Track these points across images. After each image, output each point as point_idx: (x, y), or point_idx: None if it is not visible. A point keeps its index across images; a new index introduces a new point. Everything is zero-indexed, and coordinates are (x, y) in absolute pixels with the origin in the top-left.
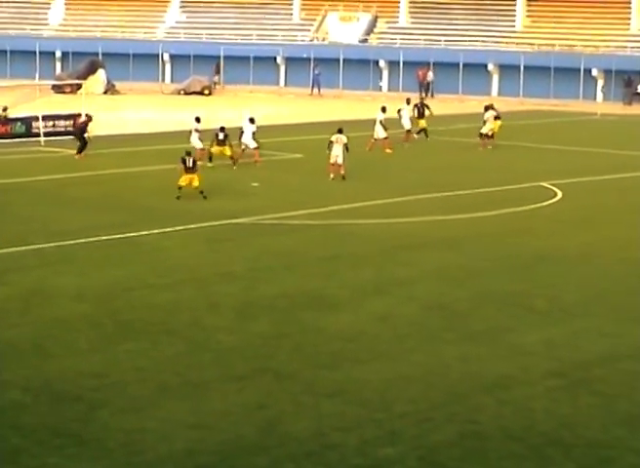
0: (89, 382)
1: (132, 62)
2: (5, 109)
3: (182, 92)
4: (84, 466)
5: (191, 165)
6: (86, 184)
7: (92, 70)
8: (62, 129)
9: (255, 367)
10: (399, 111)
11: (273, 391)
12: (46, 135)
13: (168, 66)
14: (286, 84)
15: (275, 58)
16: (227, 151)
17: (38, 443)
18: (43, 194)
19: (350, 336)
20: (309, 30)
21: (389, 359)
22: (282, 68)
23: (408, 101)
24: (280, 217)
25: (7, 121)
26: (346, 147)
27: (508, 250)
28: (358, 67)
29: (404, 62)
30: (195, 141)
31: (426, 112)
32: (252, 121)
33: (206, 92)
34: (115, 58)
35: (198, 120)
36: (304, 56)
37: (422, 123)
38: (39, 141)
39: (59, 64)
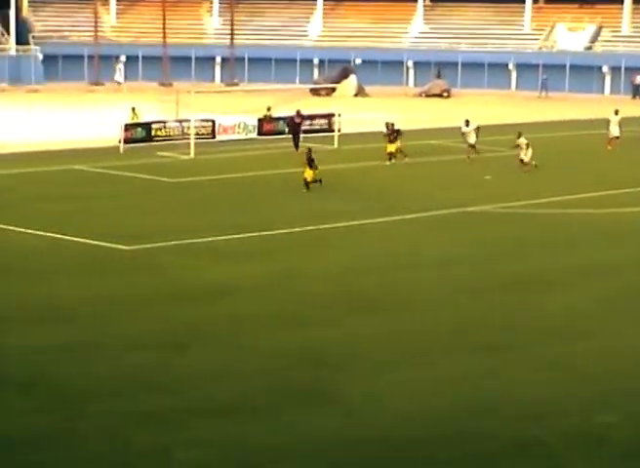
0: (335, 350)
1: (379, 68)
2: (269, 109)
3: (424, 94)
4: (332, 423)
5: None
6: (333, 176)
7: (344, 75)
8: (318, 127)
9: (478, 341)
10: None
11: (496, 363)
12: (304, 132)
13: (411, 72)
14: (517, 88)
15: (507, 65)
16: (392, 148)
17: (294, 401)
18: (298, 183)
19: (567, 313)
20: (538, 39)
21: (604, 335)
22: (513, 74)
23: (616, 112)
24: (504, 207)
25: (271, 119)
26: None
27: None
28: (583, 73)
29: (625, 68)
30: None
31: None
32: (467, 123)
33: (445, 94)
34: (365, 65)
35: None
36: (534, 62)
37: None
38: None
39: (316, 70)
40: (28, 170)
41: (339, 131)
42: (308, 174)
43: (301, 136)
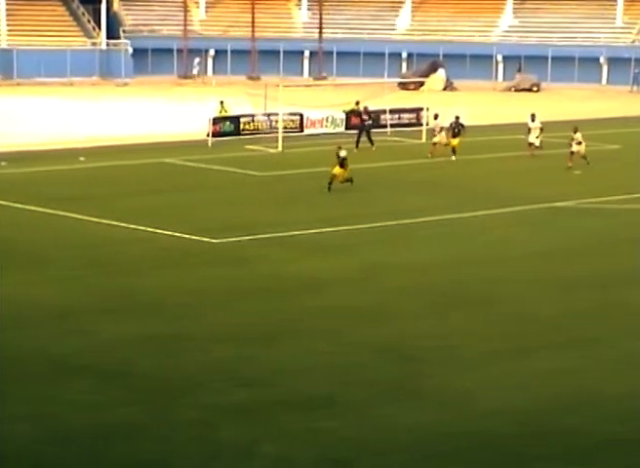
0: (425, 344)
1: (468, 63)
2: (357, 103)
3: (513, 89)
4: (422, 416)
5: (342, 161)
6: (422, 170)
7: (433, 69)
8: (407, 121)
9: (571, 336)
10: None
11: (587, 358)
12: (392, 126)
13: (500, 66)
14: (608, 82)
15: (598, 59)
16: (455, 142)
17: (382, 395)
18: (387, 178)
19: None
20: (631, 33)
21: None
22: (604, 68)
23: None
24: (594, 202)
25: (359, 113)
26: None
27: None
28: None
29: None
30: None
31: None
32: (533, 118)
33: (534, 89)
34: (454, 59)
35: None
36: (626, 56)
37: None
38: (386, 132)
39: (404, 64)
40: (119, 163)
41: (427, 124)
42: (338, 172)
43: (388, 130)
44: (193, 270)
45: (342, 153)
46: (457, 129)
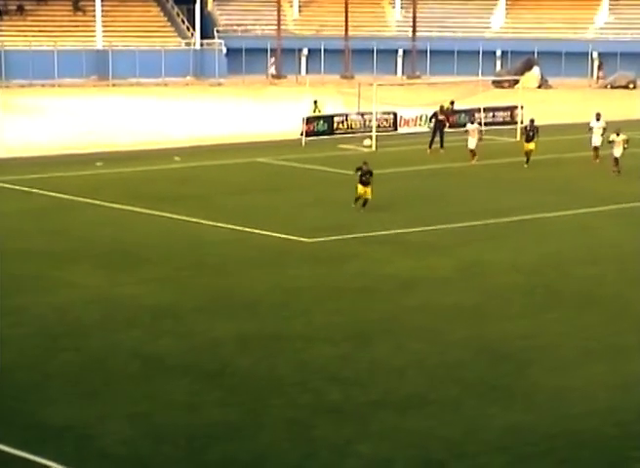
0: (520, 343)
1: (563, 60)
2: (452, 103)
3: (609, 86)
4: (517, 416)
5: (366, 177)
6: (517, 169)
7: (528, 67)
8: (501, 119)
9: None
10: None
11: None
12: (486, 124)
13: (596, 63)
14: None
15: None
16: (531, 146)
17: (477, 395)
18: (482, 176)
19: None
20: None
21: None
22: None
23: None
24: None
25: (453, 112)
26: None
27: None
28: None
29: None
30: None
31: None
32: (598, 118)
33: (630, 86)
34: (548, 56)
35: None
36: None
37: None
38: (481, 131)
39: (498, 62)
40: (213, 162)
41: (521, 123)
42: (362, 191)
43: (483, 128)
44: (288, 270)
45: (365, 167)
46: (531, 132)
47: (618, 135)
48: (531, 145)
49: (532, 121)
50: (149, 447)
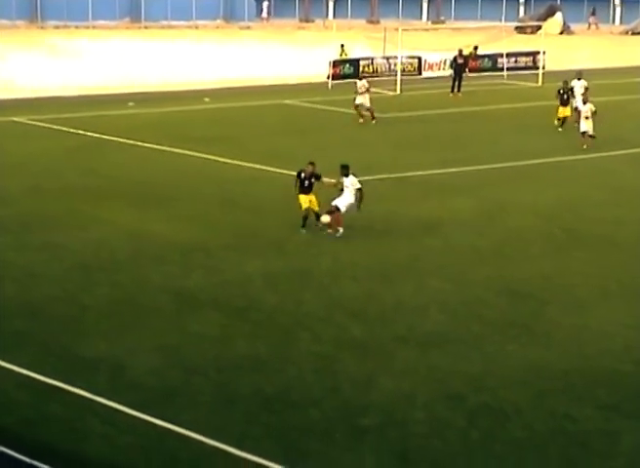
0: (539, 283)
1: (585, 6)
2: (476, 48)
3: (630, 32)
4: (536, 353)
5: (309, 182)
6: (537, 113)
7: (551, 13)
8: (523, 64)
9: None
10: None
11: None
12: (508, 69)
13: (618, 9)
14: None
15: None
16: (567, 111)
17: (498, 332)
18: (505, 120)
19: None
20: None
21: None
22: None
23: None
24: None
25: (477, 57)
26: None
27: None
28: None
29: None
30: None
31: None
32: (579, 77)
33: None
34: (571, 3)
35: None
36: None
37: None
38: (502, 75)
39: (522, 8)
40: (242, 104)
41: (543, 68)
42: (303, 202)
43: (505, 73)
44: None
45: (309, 169)
46: (565, 95)
47: (579, 79)
48: (566, 110)
49: (565, 83)
50: (179, 378)
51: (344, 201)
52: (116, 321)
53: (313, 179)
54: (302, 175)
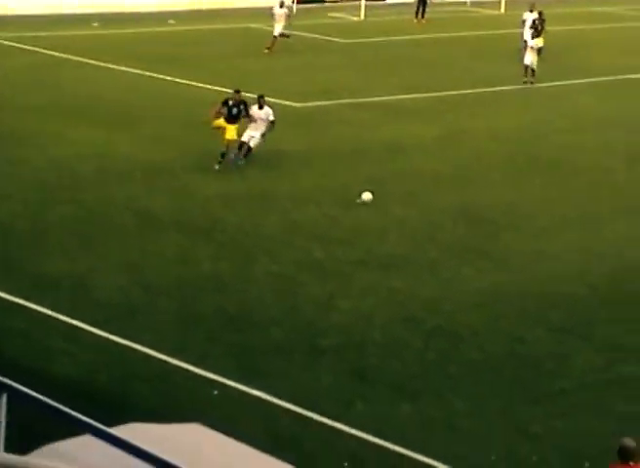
0: (500, 208)
1: None
2: None
3: None
4: (492, 278)
5: (236, 111)
6: (498, 40)
7: None
8: None
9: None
10: None
11: None
12: None
13: None
14: None
15: None
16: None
17: (455, 257)
18: (467, 47)
19: None
20: None
21: None
22: None
23: None
24: None
25: None
26: None
27: None
28: None
29: None
30: None
31: None
32: (532, 9)
33: None
34: None
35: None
36: None
37: None
38: (465, 2)
39: None
40: (207, 27)
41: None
42: (229, 131)
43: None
44: (277, 133)
45: (237, 97)
46: (540, 26)
47: (531, 11)
48: (540, 41)
49: (540, 13)
50: (141, 296)
51: (256, 134)
52: (79, 239)
53: (242, 106)
54: (230, 102)
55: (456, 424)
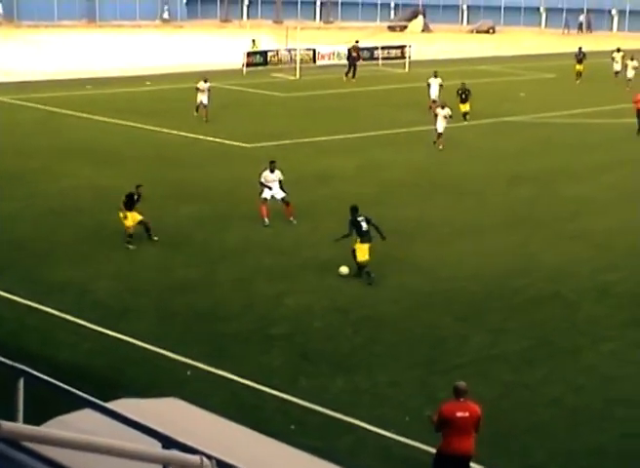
0: (409, 223)
1: (441, 11)
2: (357, 41)
3: (474, 31)
4: (406, 278)
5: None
6: (405, 92)
7: (414, 16)
8: (394, 55)
9: (518, 218)
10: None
11: (531, 235)
12: (383, 59)
13: (465, 13)
14: (546, 26)
15: (538, 8)
16: (466, 107)
17: (376, 263)
18: (380, 98)
19: (587, 200)
20: None
21: (614, 215)
22: (543, 15)
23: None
24: (537, 117)
25: (358, 49)
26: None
27: None
28: None
29: None
30: None
31: None
32: (435, 75)
33: (490, 31)
34: (430, 8)
35: None
36: (559, 6)
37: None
38: (378, 64)
39: (392, 12)
40: (175, 86)
41: (409, 58)
42: (132, 219)
43: (380, 62)
44: (232, 167)
45: (139, 190)
46: (464, 94)
47: (435, 77)
48: (466, 106)
49: (463, 83)
50: (129, 298)
51: (277, 193)
52: (80, 254)
53: (139, 198)
54: (135, 196)
55: (379, 393)
